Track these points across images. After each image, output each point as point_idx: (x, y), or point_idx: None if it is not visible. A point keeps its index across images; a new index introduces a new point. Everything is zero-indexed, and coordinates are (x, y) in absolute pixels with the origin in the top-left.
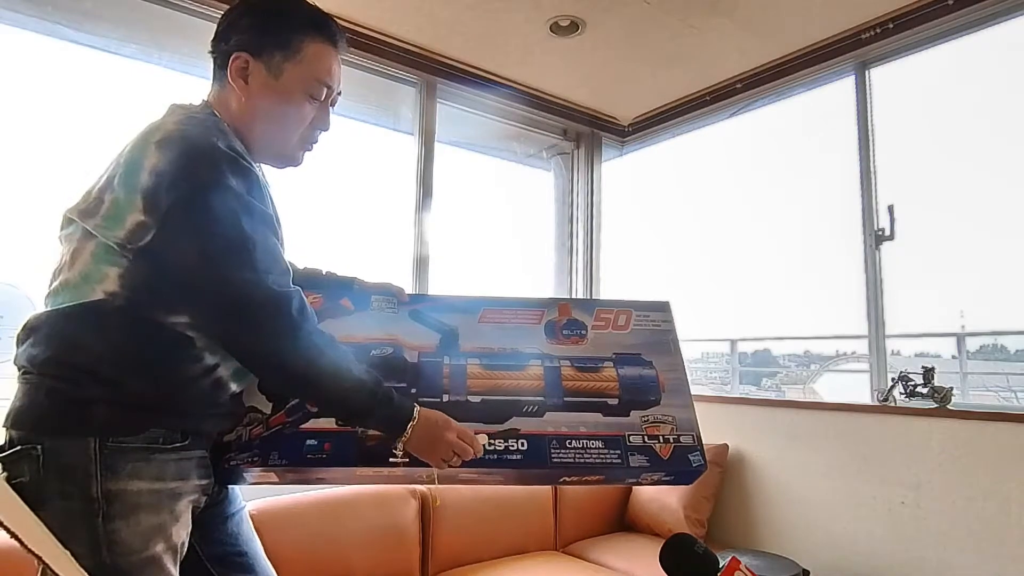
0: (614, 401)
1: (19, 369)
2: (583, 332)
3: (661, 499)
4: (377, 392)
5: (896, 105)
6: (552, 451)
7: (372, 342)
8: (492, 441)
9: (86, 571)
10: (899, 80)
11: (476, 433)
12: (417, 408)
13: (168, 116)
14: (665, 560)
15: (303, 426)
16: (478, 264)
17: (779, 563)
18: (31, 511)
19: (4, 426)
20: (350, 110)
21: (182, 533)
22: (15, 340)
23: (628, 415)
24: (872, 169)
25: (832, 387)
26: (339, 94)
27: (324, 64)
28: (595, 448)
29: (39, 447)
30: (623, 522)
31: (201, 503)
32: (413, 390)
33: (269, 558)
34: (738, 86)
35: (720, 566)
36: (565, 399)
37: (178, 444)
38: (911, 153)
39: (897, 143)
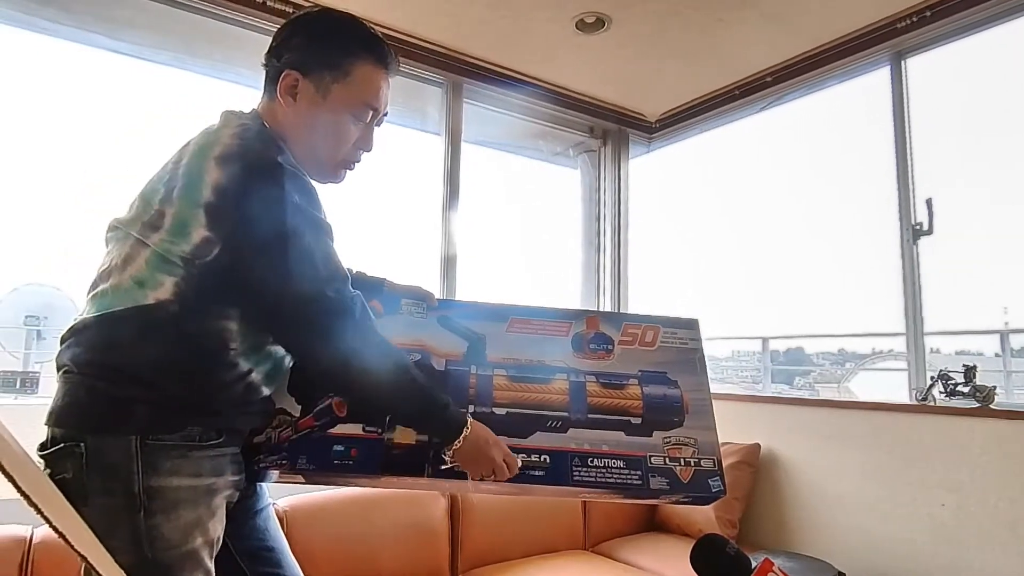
0: (637, 420)
1: (60, 368)
2: (610, 347)
3: None
4: (437, 398)
5: (934, 95)
6: (574, 469)
7: (400, 347)
8: (515, 456)
9: (128, 566)
10: (937, 70)
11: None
12: (470, 419)
13: (223, 127)
14: (696, 561)
15: (330, 431)
16: (505, 263)
17: (814, 565)
18: (73, 508)
19: (46, 424)
20: None
21: (218, 527)
22: (59, 340)
23: (651, 435)
24: (909, 162)
25: (868, 386)
26: (386, 115)
27: (371, 87)
28: (616, 468)
29: (82, 445)
30: (653, 522)
31: (234, 498)
32: None
33: (300, 554)
34: (768, 79)
35: (752, 567)
36: (589, 416)
37: (214, 442)
38: (949, 145)
39: (935, 135)
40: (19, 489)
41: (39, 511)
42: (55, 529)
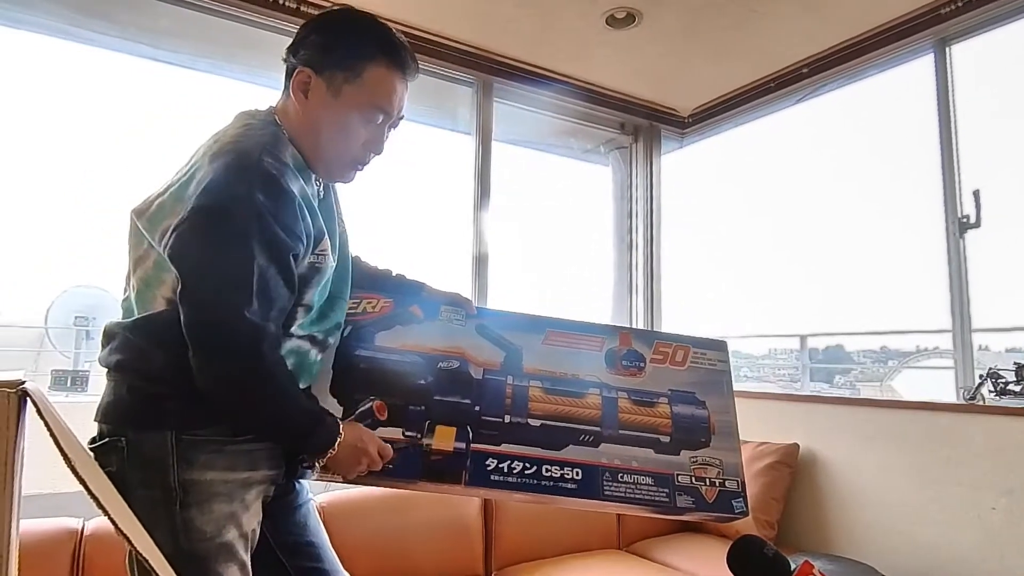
0: (666, 439)
1: (104, 368)
2: (641, 364)
3: None
4: (305, 420)
5: (980, 83)
6: (605, 484)
7: (438, 353)
8: (548, 466)
9: (166, 557)
10: (983, 56)
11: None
12: (341, 425)
13: (229, 126)
14: (733, 562)
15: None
16: (536, 262)
17: (856, 568)
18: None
19: (95, 420)
20: (408, 112)
21: (253, 522)
22: (100, 343)
23: (678, 454)
24: (955, 152)
25: (912, 385)
26: (401, 118)
27: (384, 89)
28: (645, 484)
29: (123, 439)
30: (688, 522)
31: (271, 493)
32: (477, 408)
33: (337, 549)
34: (804, 71)
35: (792, 569)
36: (620, 431)
37: (246, 436)
38: (997, 134)
39: (982, 124)
40: (82, 482)
41: (99, 504)
42: (112, 521)
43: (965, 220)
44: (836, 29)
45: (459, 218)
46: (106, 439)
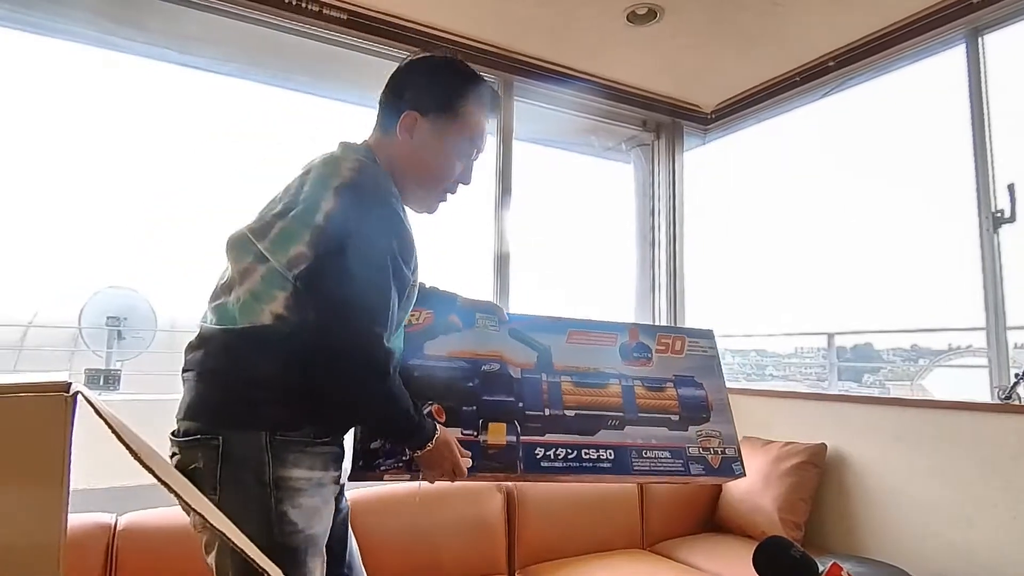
0: (676, 417)
1: (189, 370)
2: (649, 355)
3: (753, 500)
4: (411, 417)
5: (1015, 73)
6: (633, 460)
7: (480, 358)
8: (586, 450)
9: (264, 548)
10: (1017, 46)
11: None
12: (439, 427)
13: (342, 159)
14: (759, 563)
15: None
16: (559, 260)
17: (887, 571)
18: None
19: (179, 418)
20: None
21: (328, 518)
22: (186, 347)
23: (687, 429)
24: (988, 145)
25: (944, 384)
26: (482, 150)
27: (479, 128)
28: (665, 458)
29: (219, 438)
30: (712, 522)
31: (336, 493)
32: (520, 404)
33: (363, 546)
34: (830, 64)
35: (820, 572)
36: (639, 415)
37: (323, 440)
38: None
39: (1016, 115)
40: (152, 472)
41: (178, 496)
42: (193, 510)
43: (999, 215)
44: (863, 21)
45: (481, 217)
46: (196, 436)
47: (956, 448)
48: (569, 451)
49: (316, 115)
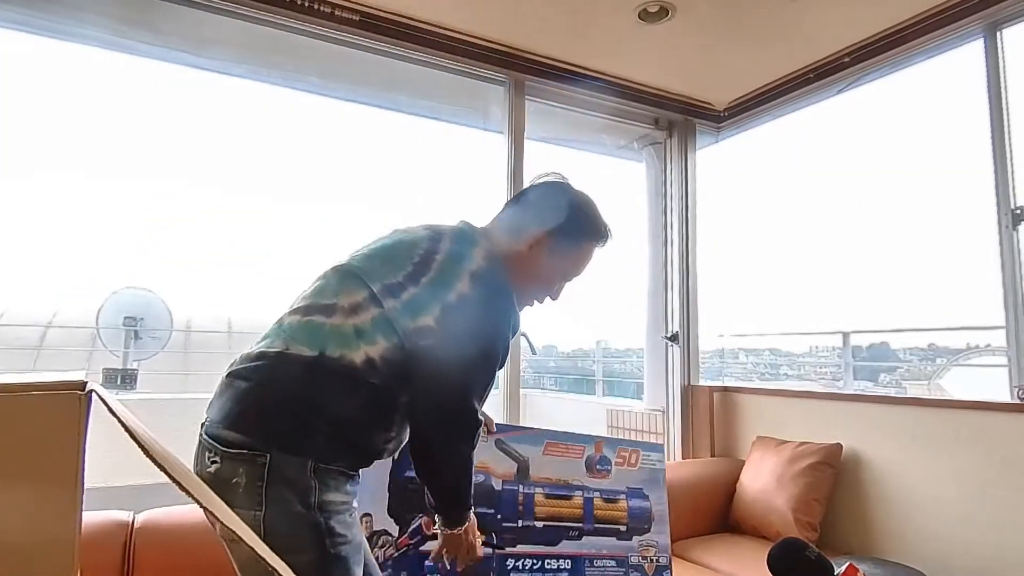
0: (623, 527)
1: (250, 381)
2: (609, 468)
3: (767, 500)
4: (468, 500)
5: None
6: (586, 569)
7: None
8: (548, 560)
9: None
10: None
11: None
12: (472, 515)
13: (475, 246)
14: (774, 564)
15: (421, 548)
16: None
17: (904, 572)
18: (233, 505)
19: (223, 425)
20: (441, 112)
21: (359, 528)
22: (248, 355)
23: (631, 539)
24: (1007, 141)
25: (962, 383)
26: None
27: (587, 261)
28: (611, 567)
29: (267, 456)
30: (727, 523)
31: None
32: (498, 516)
33: None
34: (846, 60)
35: (836, 573)
36: (595, 526)
37: (352, 473)
38: None
39: None
40: (164, 470)
41: (189, 493)
42: (203, 508)
43: (1019, 211)
44: (879, 16)
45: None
46: (244, 451)
47: (975, 449)
48: (535, 562)
49: (327, 116)
